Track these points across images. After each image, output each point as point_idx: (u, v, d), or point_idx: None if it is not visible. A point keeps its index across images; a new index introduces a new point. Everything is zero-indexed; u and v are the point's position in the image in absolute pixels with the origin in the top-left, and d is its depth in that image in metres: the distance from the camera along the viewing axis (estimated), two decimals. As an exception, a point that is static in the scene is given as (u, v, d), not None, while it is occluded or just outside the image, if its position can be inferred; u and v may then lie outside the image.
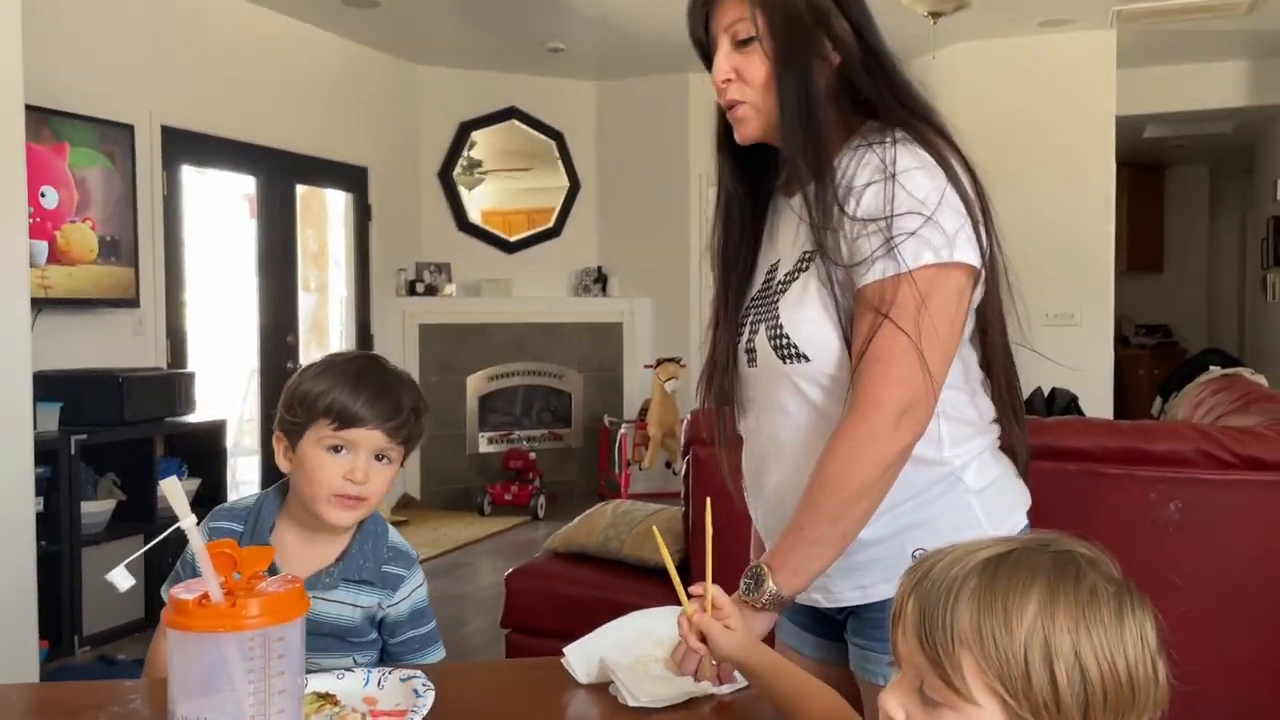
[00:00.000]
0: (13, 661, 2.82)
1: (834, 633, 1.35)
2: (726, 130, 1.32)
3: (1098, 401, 5.34)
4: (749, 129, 1.27)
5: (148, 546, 0.90)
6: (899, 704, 0.80)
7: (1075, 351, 5.63)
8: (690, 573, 3.02)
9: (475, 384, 6.67)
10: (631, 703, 1.19)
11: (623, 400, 6.90)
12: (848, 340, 1.21)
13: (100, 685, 1.30)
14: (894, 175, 1.17)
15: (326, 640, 1.33)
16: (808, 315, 1.23)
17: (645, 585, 2.94)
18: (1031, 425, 2.53)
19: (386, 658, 1.41)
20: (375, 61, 6.18)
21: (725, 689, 1.22)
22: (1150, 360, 8.31)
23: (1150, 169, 8.95)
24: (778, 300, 1.27)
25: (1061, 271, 5.62)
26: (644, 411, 6.47)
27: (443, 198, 6.72)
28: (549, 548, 3.31)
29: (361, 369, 1.35)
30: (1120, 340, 6.19)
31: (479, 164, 6.87)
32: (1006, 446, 1.33)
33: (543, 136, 6.86)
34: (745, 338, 1.31)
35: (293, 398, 1.33)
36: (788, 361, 1.24)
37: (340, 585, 1.35)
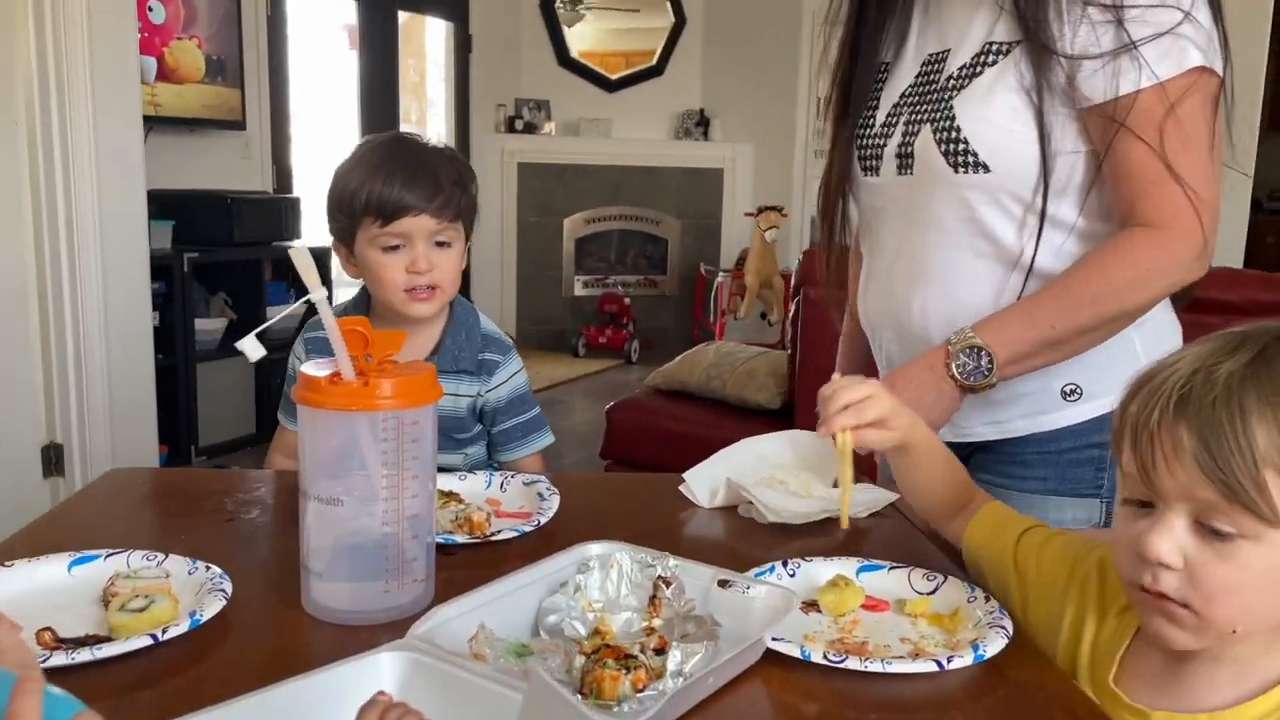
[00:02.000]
0: (135, 463, 2.94)
1: None
2: None
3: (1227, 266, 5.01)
4: None
5: (277, 318, 0.86)
6: (1174, 548, 0.71)
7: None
8: (794, 415, 2.98)
9: (572, 226, 6.60)
10: (771, 518, 1.15)
11: (720, 248, 6.76)
12: (1045, 152, 1.07)
13: (226, 473, 1.31)
14: None
15: (444, 443, 1.31)
16: (995, 118, 1.09)
17: (746, 424, 2.91)
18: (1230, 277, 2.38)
19: (492, 450, 1.38)
20: (478, -120, 5.90)
21: (864, 510, 1.16)
22: (1282, 229, 7.78)
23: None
24: (952, 98, 1.12)
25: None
26: (741, 260, 6.34)
27: (544, 31, 6.50)
28: (650, 384, 3.30)
29: (390, 153, 1.27)
30: (1252, 204, 5.75)
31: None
32: None
33: (648, -34, 6.54)
34: (898, 141, 1.17)
35: (333, 201, 1.27)
36: (960, 170, 1.11)
37: (438, 377, 1.31)
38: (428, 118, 6.20)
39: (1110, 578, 0.85)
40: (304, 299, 0.86)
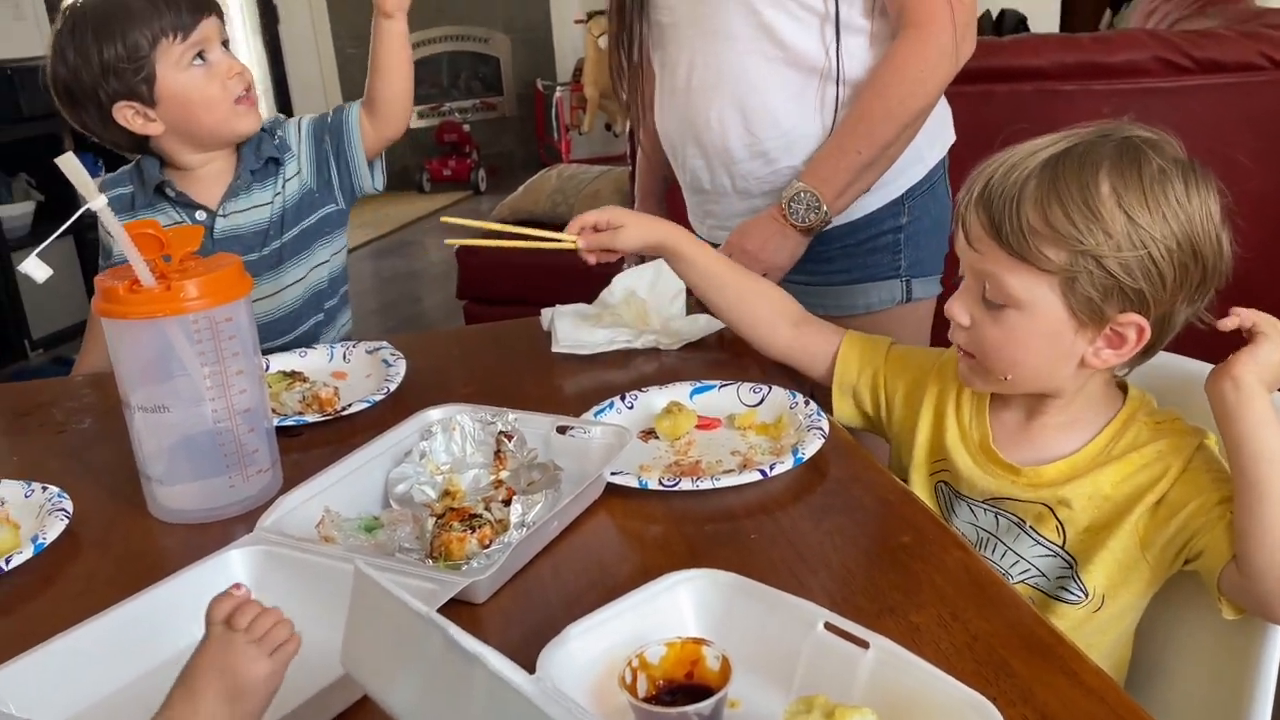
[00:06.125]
0: (-35, 372, 2.79)
1: None
2: None
3: (1045, 20, 5.15)
4: None
5: (58, 233, 0.82)
6: (964, 309, 0.86)
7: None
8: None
9: (396, 54, 6.26)
10: (555, 348, 1.19)
11: (554, 62, 6.56)
12: None
13: (51, 383, 1.26)
14: None
15: (298, 241, 1.33)
16: None
17: (597, 246, 2.93)
18: (986, 46, 2.44)
19: (338, 163, 1.34)
20: None
21: (670, 344, 1.20)
22: (1098, -24, 7.96)
23: None
24: None
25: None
26: (578, 72, 6.17)
27: None
28: (496, 217, 3.25)
29: None
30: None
31: None
32: None
33: None
34: None
35: (106, 64, 1.19)
36: None
37: (253, 183, 1.31)
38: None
39: None
40: (84, 209, 0.82)
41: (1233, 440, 0.77)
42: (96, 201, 0.81)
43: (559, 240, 1.08)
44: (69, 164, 0.79)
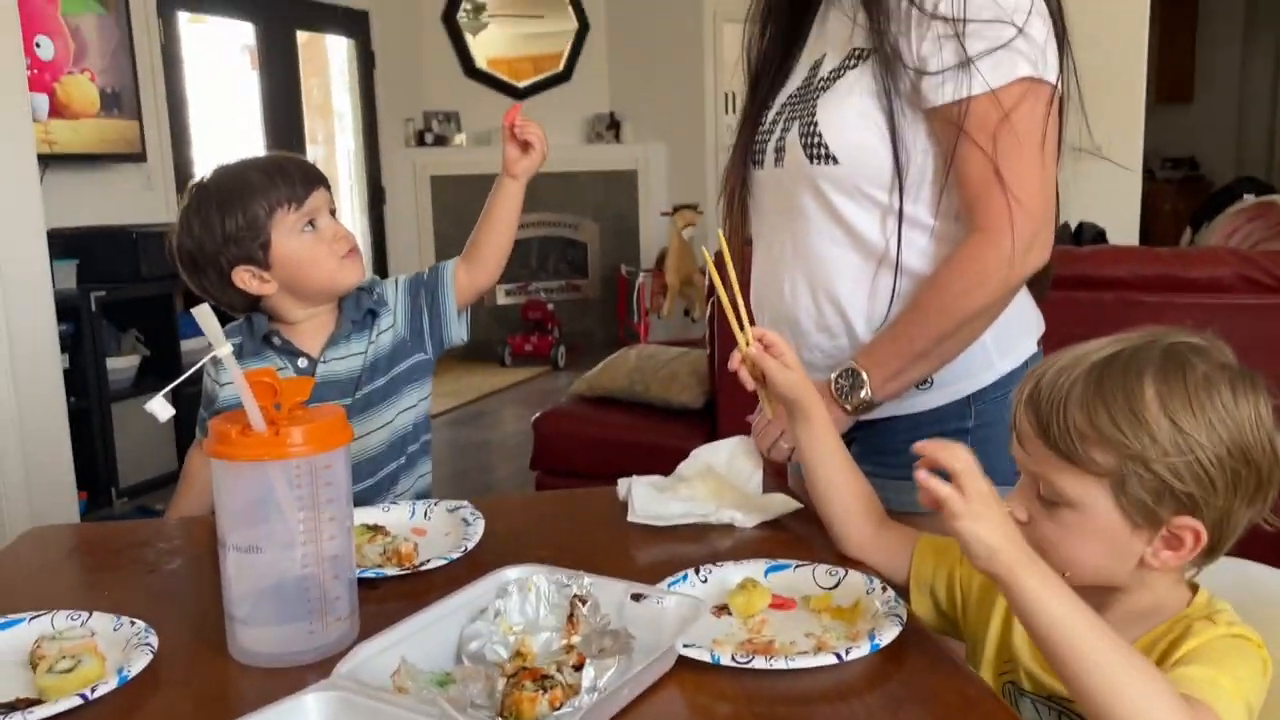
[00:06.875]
0: (54, 511, 2.88)
1: None
2: None
3: (1124, 236, 5.22)
4: None
5: (185, 376, 0.88)
6: (1021, 506, 0.87)
7: (1101, 185, 5.49)
8: (716, 413, 3.03)
9: (490, 236, 6.58)
10: (630, 518, 1.20)
11: (639, 249, 6.82)
12: (897, 151, 1.17)
13: (144, 524, 1.31)
14: None
15: (388, 387, 1.41)
16: (847, 116, 1.19)
17: (671, 425, 2.96)
18: (1065, 254, 2.50)
19: (431, 314, 1.45)
20: (370, -105, 5.86)
21: (746, 521, 1.20)
22: (1175, 194, 8.12)
23: (1183, -7, 8.50)
24: (817, 97, 1.23)
25: (1089, 102, 5.39)
26: (661, 260, 6.41)
27: (448, 42, 6.49)
28: (575, 392, 3.33)
29: (244, 168, 1.35)
30: (1146, 173, 6.00)
31: (483, 8, 6.60)
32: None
33: (548, -27, 6.56)
34: (777, 136, 1.28)
35: (228, 234, 1.31)
36: (815, 162, 1.21)
37: (352, 333, 1.40)
38: (335, 135, 6.14)
39: None
40: (210, 355, 0.88)
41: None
42: (223, 350, 0.88)
43: (744, 328, 1.12)
44: (203, 314, 0.86)
